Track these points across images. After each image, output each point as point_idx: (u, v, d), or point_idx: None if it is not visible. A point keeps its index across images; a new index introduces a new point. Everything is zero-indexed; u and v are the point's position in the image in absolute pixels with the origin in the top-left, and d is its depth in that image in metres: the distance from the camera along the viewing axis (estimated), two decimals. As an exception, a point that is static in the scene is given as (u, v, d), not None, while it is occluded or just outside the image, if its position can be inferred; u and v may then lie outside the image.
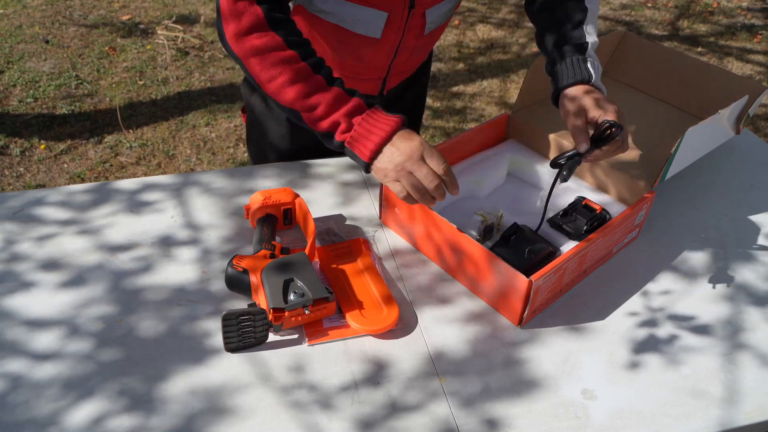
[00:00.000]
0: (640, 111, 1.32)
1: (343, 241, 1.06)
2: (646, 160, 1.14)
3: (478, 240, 0.99)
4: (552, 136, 1.18)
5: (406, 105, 1.36)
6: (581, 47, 1.05)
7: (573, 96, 1.01)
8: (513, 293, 0.91)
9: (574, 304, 0.98)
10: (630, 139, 1.21)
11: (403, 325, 0.94)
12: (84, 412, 0.80)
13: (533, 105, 1.28)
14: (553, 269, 0.90)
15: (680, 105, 1.34)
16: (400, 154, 0.88)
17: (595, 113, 0.97)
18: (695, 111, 1.32)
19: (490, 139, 1.23)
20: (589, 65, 1.03)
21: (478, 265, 0.95)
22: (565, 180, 0.98)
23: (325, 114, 0.91)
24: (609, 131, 0.95)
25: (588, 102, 0.98)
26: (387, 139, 0.90)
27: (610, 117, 0.95)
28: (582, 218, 1.05)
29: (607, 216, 1.07)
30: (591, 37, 1.06)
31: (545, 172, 1.18)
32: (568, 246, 1.03)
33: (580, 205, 1.08)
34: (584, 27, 1.06)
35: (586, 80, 1.01)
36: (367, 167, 0.92)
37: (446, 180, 0.90)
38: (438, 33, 1.20)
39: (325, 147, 1.27)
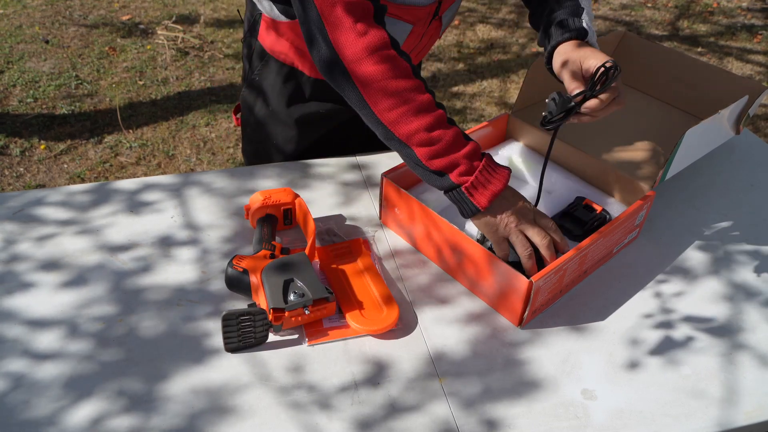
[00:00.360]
0: (640, 111, 1.32)
1: (343, 241, 1.06)
2: (646, 160, 1.14)
3: (478, 240, 0.99)
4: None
5: None
6: (576, 10, 0.98)
7: (566, 50, 0.93)
8: (513, 294, 0.91)
9: (574, 304, 0.99)
10: (630, 139, 1.22)
11: (403, 326, 0.94)
12: (84, 412, 0.80)
13: (533, 105, 1.28)
14: (553, 270, 0.90)
15: (680, 105, 1.34)
16: (512, 208, 0.87)
17: (591, 63, 0.89)
18: (695, 111, 1.32)
19: (490, 139, 1.23)
20: (584, 23, 0.95)
21: (478, 265, 0.95)
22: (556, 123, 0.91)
23: (444, 152, 0.86)
24: (606, 74, 0.87)
25: (583, 53, 0.91)
26: (503, 190, 0.88)
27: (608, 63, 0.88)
28: (582, 218, 1.05)
29: (607, 216, 1.07)
30: (587, 14, 0.99)
31: (546, 172, 1.18)
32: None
33: (580, 205, 1.08)
34: (582, 11, 0.99)
35: (582, 36, 0.95)
36: (476, 214, 0.89)
37: (556, 238, 0.89)
38: (446, 30, 1.21)
39: (327, 147, 1.28)
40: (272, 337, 0.90)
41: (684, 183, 1.24)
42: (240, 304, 0.94)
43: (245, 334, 0.87)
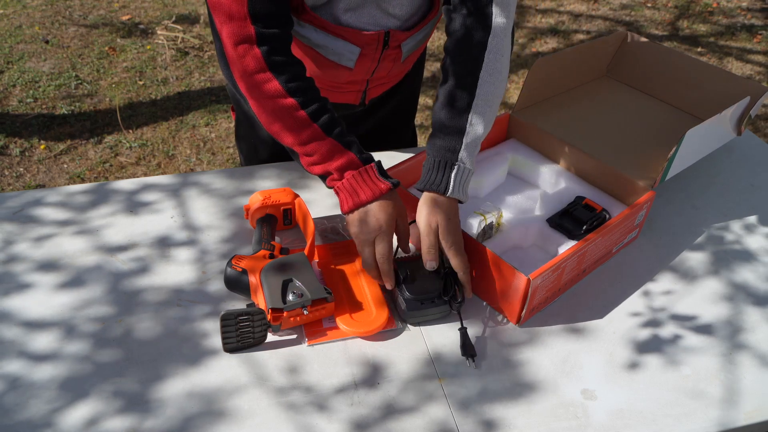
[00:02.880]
0: (640, 111, 1.32)
1: (345, 240, 1.06)
2: (647, 161, 1.14)
3: (477, 238, 0.99)
4: (553, 137, 1.18)
5: (393, 107, 1.35)
6: (455, 139, 0.96)
7: (423, 205, 0.94)
8: (512, 292, 0.91)
9: (574, 304, 0.98)
10: (630, 139, 1.21)
11: (403, 326, 0.93)
12: (81, 413, 0.80)
13: (534, 105, 1.28)
14: (551, 268, 0.90)
15: (681, 106, 1.34)
16: (369, 222, 0.93)
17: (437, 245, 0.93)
18: (696, 112, 1.32)
19: (491, 138, 1.23)
20: (453, 174, 0.94)
21: (477, 263, 0.95)
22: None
23: (319, 162, 0.95)
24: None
25: (440, 227, 0.92)
26: (367, 203, 0.93)
27: (453, 263, 0.92)
28: (582, 218, 1.05)
29: (607, 216, 1.06)
30: (473, 128, 0.96)
31: (546, 172, 1.18)
32: (567, 245, 1.03)
33: (580, 205, 1.08)
34: (469, 114, 0.95)
35: (441, 191, 0.94)
36: (346, 215, 0.96)
37: (382, 268, 0.93)
38: (417, 54, 1.19)
39: None
40: (271, 338, 0.90)
41: (684, 183, 1.24)
42: (239, 305, 0.94)
43: (244, 335, 0.87)
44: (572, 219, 1.06)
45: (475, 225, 1.02)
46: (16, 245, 1.02)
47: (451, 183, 0.94)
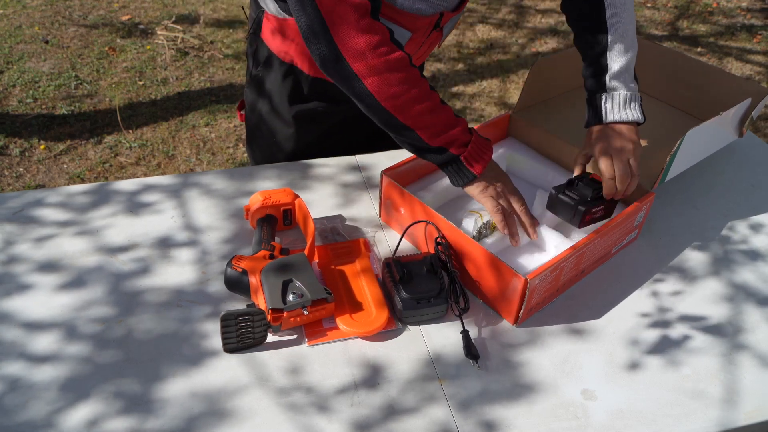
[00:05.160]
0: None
1: (345, 240, 1.06)
2: (647, 161, 1.14)
3: (474, 238, 0.99)
4: (553, 137, 1.18)
5: None
6: (600, 76, 1.06)
7: (589, 136, 1.06)
8: (509, 292, 0.91)
9: (573, 305, 0.98)
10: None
11: (403, 326, 0.93)
12: (81, 413, 0.80)
13: (535, 105, 1.28)
14: (549, 268, 0.90)
15: (682, 107, 1.34)
16: (499, 176, 1.00)
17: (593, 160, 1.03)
18: (697, 113, 1.32)
19: (491, 138, 1.23)
20: (603, 101, 1.05)
21: (474, 263, 0.95)
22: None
23: (444, 129, 0.95)
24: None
25: (595, 146, 1.04)
26: (490, 160, 0.98)
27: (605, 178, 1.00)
28: (587, 187, 1.02)
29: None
30: (615, 61, 1.05)
31: (544, 171, 1.18)
32: (564, 244, 1.02)
33: (586, 178, 1.05)
34: (607, 52, 1.05)
35: (599, 120, 1.05)
36: (471, 181, 0.98)
37: (527, 221, 1.00)
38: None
39: (326, 146, 1.28)
40: (271, 338, 0.90)
41: (684, 183, 1.24)
42: (239, 305, 0.94)
43: (244, 335, 0.87)
44: (577, 189, 1.02)
45: (471, 224, 1.02)
46: (17, 246, 1.02)
47: (605, 111, 1.04)
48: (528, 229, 1.01)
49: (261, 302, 0.89)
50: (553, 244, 1.03)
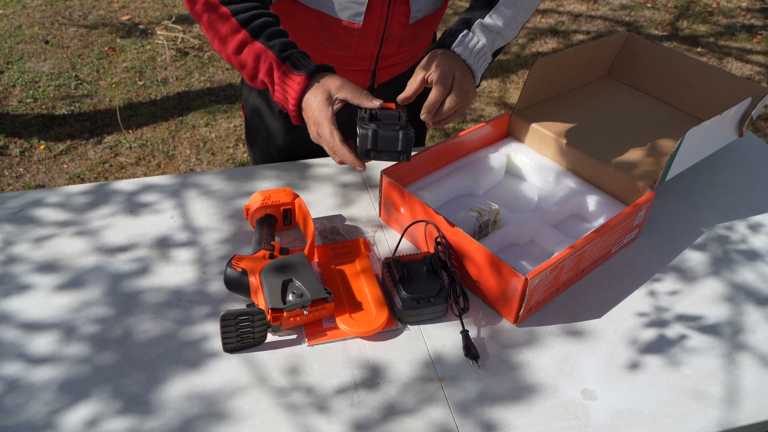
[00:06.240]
0: (642, 112, 1.32)
1: (344, 240, 1.06)
2: (647, 161, 1.14)
3: (474, 235, 0.99)
4: (553, 137, 1.18)
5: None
6: (473, 20, 1.04)
7: (432, 58, 0.99)
8: (510, 292, 0.91)
9: (573, 304, 0.98)
10: (631, 140, 1.21)
11: (403, 326, 0.93)
12: (80, 414, 0.80)
13: (535, 105, 1.28)
14: (549, 267, 0.90)
15: (683, 107, 1.34)
16: (308, 122, 0.93)
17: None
18: (698, 113, 1.32)
19: (491, 138, 1.23)
20: (464, 35, 1.01)
21: (475, 262, 0.95)
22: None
23: (253, 74, 0.95)
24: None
25: (437, 74, 0.96)
26: (297, 105, 0.93)
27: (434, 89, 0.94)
28: (394, 114, 0.92)
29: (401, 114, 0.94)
30: (492, 20, 1.03)
31: (544, 171, 1.18)
32: (564, 243, 1.02)
33: (380, 111, 0.93)
34: (491, 10, 1.04)
35: (446, 45, 1.01)
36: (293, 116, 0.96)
37: (337, 156, 0.93)
38: (428, 24, 1.19)
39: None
40: (271, 338, 0.90)
41: (684, 183, 1.24)
42: (239, 305, 0.94)
43: (243, 335, 0.87)
44: (389, 119, 0.93)
45: (471, 222, 1.02)
46: (16, 246, 1.02)
47: (460, 44, 0.99)
48: (349, 163, 0.94)
49: (261, 302, 0.89)
50: (552, 242, 1.03)
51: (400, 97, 0.97)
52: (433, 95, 0.96)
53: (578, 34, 3.79)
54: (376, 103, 0.91)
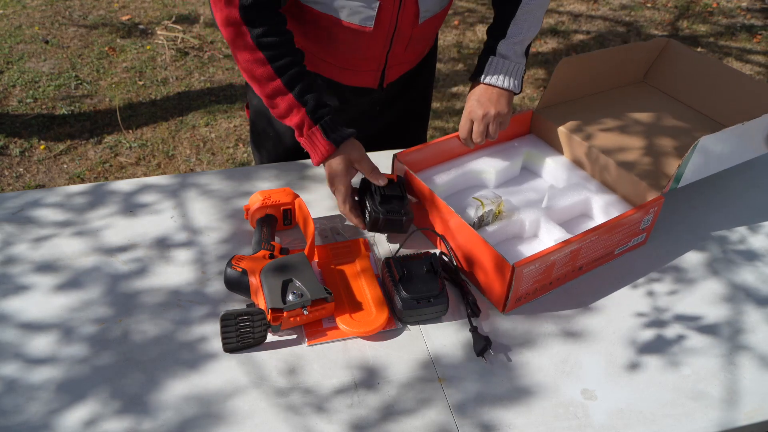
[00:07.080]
0: (673, 120, 1.28)
1: (345, 240, 1.06)
2: (663, 166, 1.13)
3: (474, 225, 1.00)
4: (574, 136, 1.18)
5: (406, 105, 1.36)
6: (497, 39, 1.14)
7: (469, 93, 1.15)
8: (497, 277, 0.92)
9: (573, 304, 0.98)
10: (654, 146, 1.18)
11: (403, 326, 0.93)
12: (79, 414, 0.80)
13: (560, 104, 1.27)
14: (537, 259, 0.90)
15: (718, 118, 1.28)
16: (329, 176, 1.05)
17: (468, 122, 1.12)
18: (731, 123, 1.27)
19: (511, 134, 1.24)
20: (489, 63, 1.13)
21: (469, 249, 0.97)
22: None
23: (283, 115, 1.04)
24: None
25: (466, 109, 1.13)
26: (323, 160, 1.04)
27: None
28: (391, 194, 1.04)
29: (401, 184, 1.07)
30: (515, 30, 1.13)
31: (558, 168, 1.18)
32: (566, 238, 1.01)
33: (385, 188, 1.05)
34: (512, 22, 1.13)
35: (477, 76, 1.14)
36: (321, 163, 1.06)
37: (345, 214, 1.06)
38: (435, 23, 1.19)
39: None
40: (271, 338, 0.90)
41: (685, 184, 1.24)
42: (239, 305, 0.94)
43: (243, 335, 0.87)
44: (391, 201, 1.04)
45: (472, 211, 1.03)
46: (15, 246, 1.02)
47: (486, 71, 1.12)
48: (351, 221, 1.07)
49: (261, 302, 0.89)
50: (553, 238, 1.03)
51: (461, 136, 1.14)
52: (459, 132, 1.13)
53: (578, 34, 3.79)
54: (381, 182, 1.05)
